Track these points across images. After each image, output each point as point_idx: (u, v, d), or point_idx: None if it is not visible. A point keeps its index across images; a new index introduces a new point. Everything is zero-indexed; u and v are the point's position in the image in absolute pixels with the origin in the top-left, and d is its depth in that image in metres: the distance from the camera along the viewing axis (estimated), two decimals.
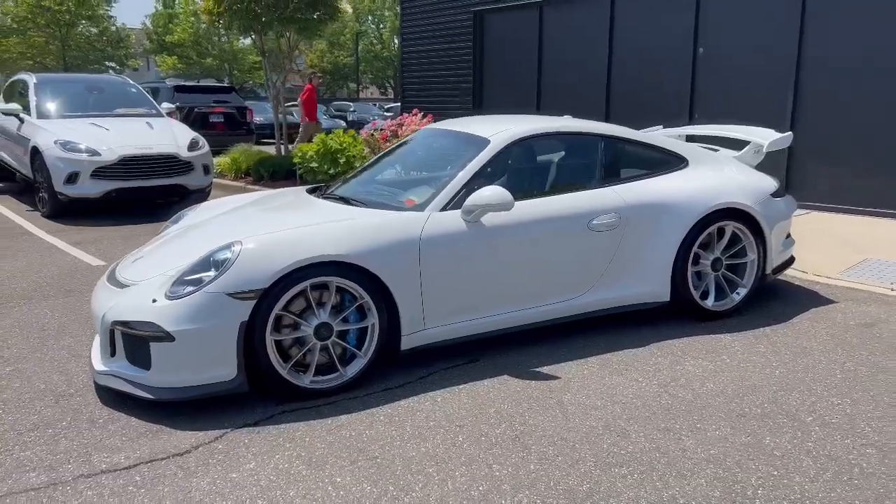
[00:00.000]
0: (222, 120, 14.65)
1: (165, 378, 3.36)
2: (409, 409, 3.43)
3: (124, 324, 3.43)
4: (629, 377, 3.75)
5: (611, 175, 4.42)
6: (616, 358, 4.01)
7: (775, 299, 5.02)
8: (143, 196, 8.92)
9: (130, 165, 8.72)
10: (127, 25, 42.14)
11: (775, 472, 2.79)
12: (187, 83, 17.15)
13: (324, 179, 8.94)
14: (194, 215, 4.70)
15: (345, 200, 4.21)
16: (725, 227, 4.51)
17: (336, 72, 50.43)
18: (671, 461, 2.89)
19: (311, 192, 4.56)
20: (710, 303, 4.55)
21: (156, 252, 4.06)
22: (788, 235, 5.05)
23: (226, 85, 15.66)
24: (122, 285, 3.73)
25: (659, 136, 4.79)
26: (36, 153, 8.89)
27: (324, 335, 3.54)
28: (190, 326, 3.29)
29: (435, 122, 6.53)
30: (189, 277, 3.44)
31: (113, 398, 3.56)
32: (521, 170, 4.43)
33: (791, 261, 5.09)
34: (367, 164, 4.92)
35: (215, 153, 12.71)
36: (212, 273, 3.38)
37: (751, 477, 2.76)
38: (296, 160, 9.49)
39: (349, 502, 2.67)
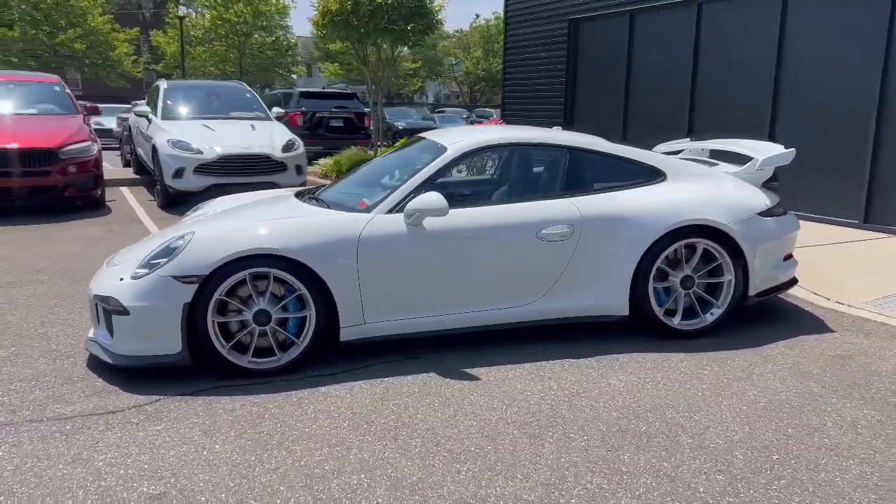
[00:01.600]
0: (342, 124, 15.63)
1: (123, 347, 3.88)
2: (323, 395, 3.72)
3: (100, 298, 4.00)
4: (547, 385, 3.80)
5: (573, 186, 4.44)
6: (551, 366, 4.06)
7: (768, 323, 4.77)
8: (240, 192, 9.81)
9: (228, 163, 9.64)
10: (296, 34, 45.49)
11: (605, 485, 2.80)
12: (312, 90, 18.48)
13: None
14: (207, 208, 5.26)
15: (317, 201, 4.57)
16: (696, 244, 4.38)
17: (490, 79, 51.32)
18: (514, 464, 2.97)
19: (299, 194, 4.94)
20: (676, 321, 4.43)
21: (152, 239, 4.63)
22: (789, 256, 4.77)
23: (347, 92, 16.68)
24: (113, 265, 4.32)
25: (636, 149, 4.70)
26: (155, 150, 10.07)
27: (262, 321, 3.91)
28: (142, 303, 3.79)
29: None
30: (153, 262, 3.94)
31: (98, 362, 4.14)
32: (477, 177, 4.56)
33: (790, 283, 4.80)
34: (361, 168, 5.26)
35: (331, 155, 13.62)
36: (167, 259, 3.87)
37: (576, 487, 2.79)
38: None
39: (212, 465, 3.01)
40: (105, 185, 10.91)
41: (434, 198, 3.96)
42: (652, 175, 4.57)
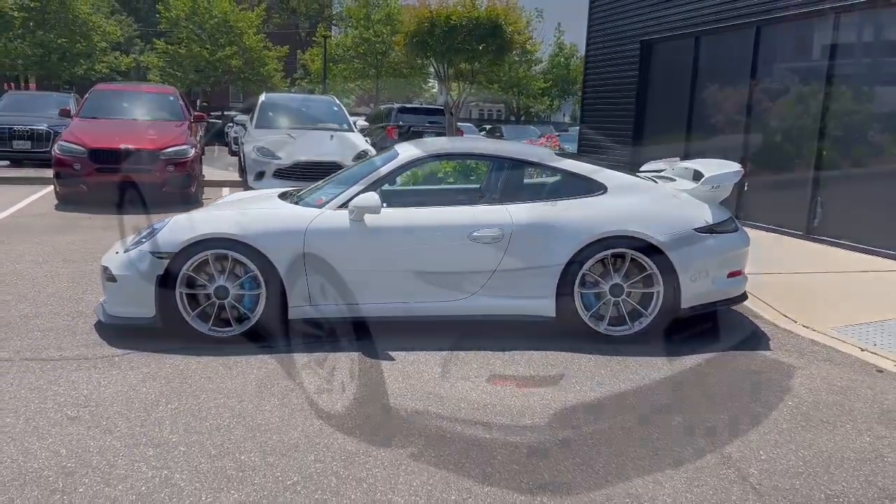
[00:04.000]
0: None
1: (112, 308, 4.69)
2: (255, 360, 4.30)
3: (103, 267, 4.84)
4: (447, 372, 4.19)
5: (512, 194, 4.80)
6: (467, 356, 4.43)
7: (710, 336, 4.87)
8: None
9: (302, 169, 10.60)
10: None
11: (342, 462, 3.19)
12: (409, 105, 19.50)
13: None
14: (224, 199, 6.05)
15: (292, 199, 5.18)
16: (624, 254, 4.59)
17: None
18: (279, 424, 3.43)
19: (283, 194, 5.50)
20: (602, 326, 4.65)
21: None
22: (737, 273, 4.83)
23: (441, 107, 17.47)
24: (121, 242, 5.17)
25: (582, 164, 4.95)
26: (244, 155, 11.24)
27: (221, 295, 4.59)
28: (125, 272, 4.58)
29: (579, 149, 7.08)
30: (141, 239, 4.73)
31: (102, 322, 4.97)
32: (420, 181, 5.00)
33: (735, 300, 4.87)
34: (345, 171, 5.84)
35: None
36: (148, 238, 4.64)
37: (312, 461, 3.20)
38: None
39: (130, 401, 3.68)
40: (205, 185, 12.24)
41: (370, 196, 4.49)
42: (592, 188, 4.82)
